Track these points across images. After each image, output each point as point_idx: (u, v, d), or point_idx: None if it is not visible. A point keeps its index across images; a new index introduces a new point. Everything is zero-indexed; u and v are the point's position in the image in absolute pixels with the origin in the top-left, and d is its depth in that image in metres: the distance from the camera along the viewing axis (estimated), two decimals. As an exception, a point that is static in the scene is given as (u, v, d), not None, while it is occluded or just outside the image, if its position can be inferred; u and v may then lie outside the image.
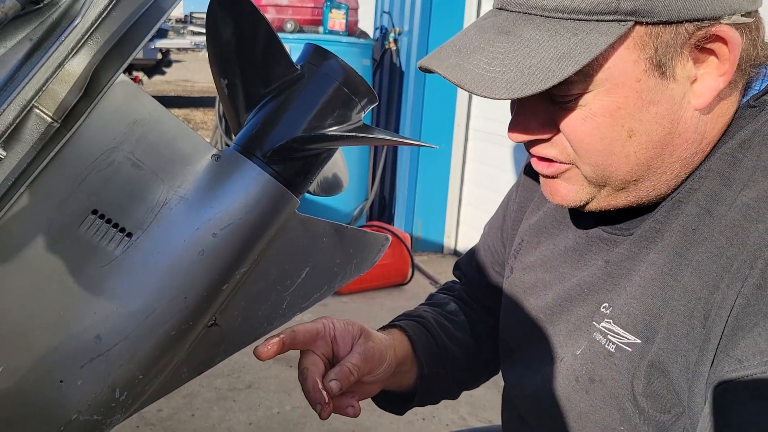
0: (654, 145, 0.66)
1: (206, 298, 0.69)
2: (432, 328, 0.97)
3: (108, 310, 0.65)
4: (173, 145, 0.68)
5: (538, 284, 0.85)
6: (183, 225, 0.68)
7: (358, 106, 0.74)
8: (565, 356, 0.76)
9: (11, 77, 0.56)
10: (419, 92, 4.17)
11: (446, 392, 1.01)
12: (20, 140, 0.58)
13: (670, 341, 0.64)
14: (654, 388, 0.65)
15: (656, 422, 0.66)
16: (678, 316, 0.64)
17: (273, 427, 2.30)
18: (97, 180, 0.64)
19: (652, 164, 0.67)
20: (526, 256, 0.89)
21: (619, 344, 0.69)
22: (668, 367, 0.64)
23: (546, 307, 0.82)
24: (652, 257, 0.69)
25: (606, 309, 0.72)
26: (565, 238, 0.83)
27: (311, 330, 0.80)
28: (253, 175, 0.70)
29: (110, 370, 0.66)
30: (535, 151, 0.72)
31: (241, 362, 2.70)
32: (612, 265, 0.74)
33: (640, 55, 0.61)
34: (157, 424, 2.28)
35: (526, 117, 0.69)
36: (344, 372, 0.77)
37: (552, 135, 0.69)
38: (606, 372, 0.69)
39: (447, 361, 0.96)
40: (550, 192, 0.74)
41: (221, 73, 0.75)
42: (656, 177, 0.68)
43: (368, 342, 0.82)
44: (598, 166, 0.67)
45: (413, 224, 4.37)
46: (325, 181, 0.85)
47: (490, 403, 2.53)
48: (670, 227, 0.68)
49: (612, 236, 0.76)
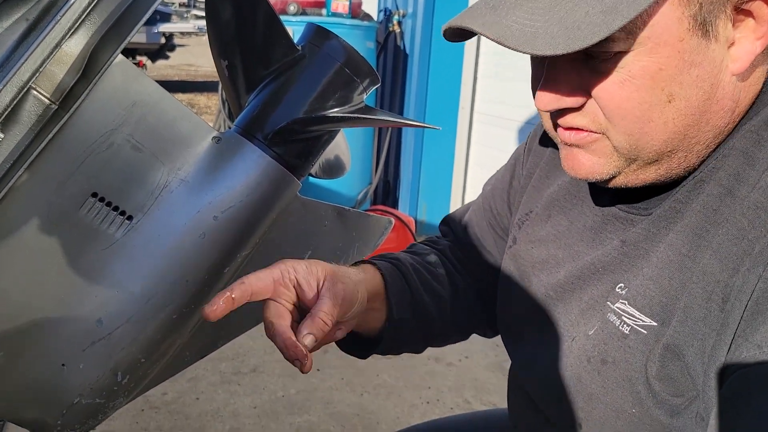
0: (693, 112, 0.63)
1: (208, 281, 0.69)
2: (408, 274, 0.90)
3: (109, 294, 0.65)
4: (173, 127, 0.67)
5: (549, 260, 0.82)
6: (184, 208, 0.67)
7: (360, 87, 0.73)
8: (577, 336, 0.74)
9: (7, 58, 0.56)
10: (423, 75, 4.15)
11: (412, 344, 0.94)
12: (18, 122, 0.58)
13: (686, 324, 0.62)
14: (668, 372, 0.64)
15: (669, 406, 0.65)
16: (696, 299, 0.62)
17: (277, 410, 2.31)
18: (96, 162, 0.63)
19: (688, 133, 0.64)
20: (535, 228, 0.86)
21: (634, 326, 0.67)
22: (684, 350, 0.63)
23: (557, 285, 0.79)
24: (670, 238, 0.67)
25: (621, 290, 0.70)
26: (580, 215, 0.80)
27: (265, 278, 0.69)
28: (254, 158, 0.69)
29: (112, 353, 0.66)
30: (564, 122, 0.67)
31: (246, 346, 2.72)
32: (629, 245, 0.71)
33: (684, 12, 0.59)
34: (161, 407, 2.30)
35: (557, 83, 0.65)
36: (318, 324, 0.68)
37: (584, 102, 0.65)
38: (619, 354, 0.68)
39: (418, 310, 0.90)
40: (572, 165, 0.69)
41: (221, 54, 0.74)
42: (689, 147, 0.65)
43: (336, 284, 0.73)
44: (633, 136, 0.64)
45: (418, 208, 4.36)
46: (328, 164, 0.84)
47: (495, 387, 2.54)
48: (690, 207, 0.66)
49: (629, 215, 0.73)
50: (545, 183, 0.88)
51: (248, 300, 0.67)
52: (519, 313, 0.86)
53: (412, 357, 2.71)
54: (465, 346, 2.83)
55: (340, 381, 2.53)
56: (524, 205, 0.90)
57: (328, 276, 0.72)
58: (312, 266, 0.72)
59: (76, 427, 0.68)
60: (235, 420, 2.26)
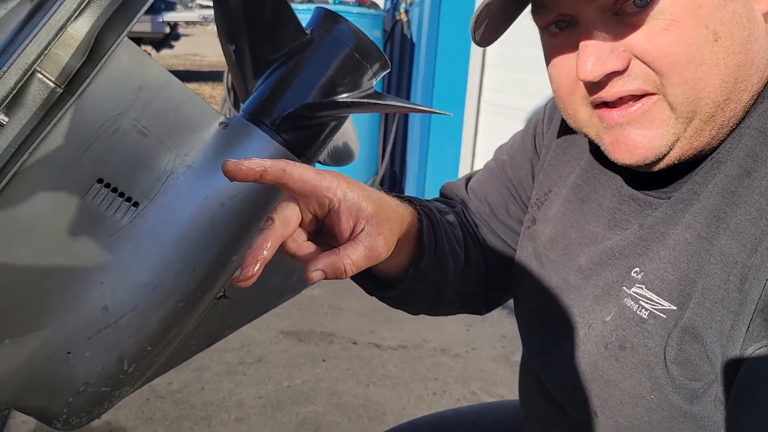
0: (739, 50, 0.62)
1: (215, 269, 0.68)
2: (438, 227, 0.83)
3: (115, 281, 0.64)
4: (180, 112, 0.66)
5: (558, 239, 0.81)
6: (190, 194, 0.66)
7: (369, 72, 0.72)
8: (594, 323, 0.72)
9: (12, 40, 0.55)
10: (430, 64, 4.12)
11: (419, 301, 0.86)
12: (22, 106, 0.56)
13: (704, 306, 0.61)
14: (686, 355, 0.63)
15: (687, 390, 0.64)
16: (713, 281, 0.61)
17: (283, 400, 2.31)
18: (102, 148, 0.62)
19: (738, 75, 0.62)
20: (553, 209, 0.84)
21: (653, 310, 0.66)
22: (702, 332, 0.61)
23: (577, 269, 0.77)
24: (687, 219, 0.66)
25: (637, 274, 0.69)
26: (595, 194, 0.78)
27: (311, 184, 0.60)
28: (261, 144, 0.68)
29: (118, 341, 0.65)
30: (613, 93, 0.64)
31: (251, 336, 2.72)
32: (645, 229, 0.70)
33: None
34: (167, 396, 2.30)
35: (597, 48, 0.62)
36: (338, 268, 0.60)
37: (628, 63, 0.63)
38: (638, 339, 0.67)
39: (439, 266, 0.83)
40: (628, 148, 0.65)
41: (229, 38, 0.73)
42: (740, 96, 0.63)
43: (377, 237, 0.63)
44: (689, 84, 0.61)
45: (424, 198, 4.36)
46: (336, 151, 0.83)
47: (502, 379, 2.53)
48: (707, 188, 0.65)
49: (648, 198, 0.72)
50: (562, 160, 0.85)
51: (280, 184, 0.60)
52: (535, 298, 0.84)
53: (418, 348, 2.71)
54: (471, 338, 2.82)
55: (346, 372, 2.53)
56: (542, 183, 0.87)
57: (372, 221, 0.64)
58: (362, 201, 0.63)
59: (82, 416, 0.67)
60: (241, 410, 2.26)
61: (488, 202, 0.94)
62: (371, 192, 0.66)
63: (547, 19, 0.67)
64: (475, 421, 1.08)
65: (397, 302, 0.85)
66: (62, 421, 0.67)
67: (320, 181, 0.61)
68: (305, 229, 0.64)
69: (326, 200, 0.61)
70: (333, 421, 2.23)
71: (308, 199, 0.61)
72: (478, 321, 2.85)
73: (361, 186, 0.65)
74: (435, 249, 0.82)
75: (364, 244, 0.62)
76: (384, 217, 0.66)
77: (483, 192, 0.95)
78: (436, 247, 0.82)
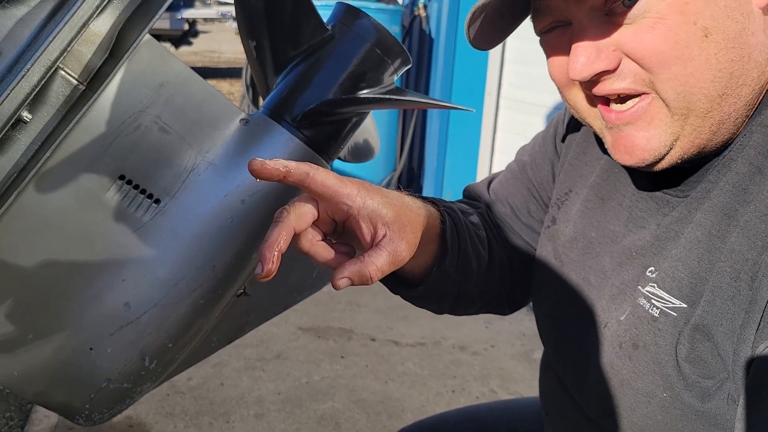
0: (732, 44, 0.61)
1: (235, 266, 0.68)
2: (461, 227, 0.84)
3: (137, 278, 0.64)
4: (201, 108, 0.66)
5: (578, 238, 0.80)
6: (211, 191, 0.66)
7: (390, 68, 0.72)
8: (609, 322, 0.73)
9: (35, 37, 0.55)
10: (449, 60, 4.11)
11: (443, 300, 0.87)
12: (46, 103, 0.57)
13: (715, 304, 0.61)
14: (698, 353, 0.63)
15: (699, 388, 0.63)
16: (724, 278, 0.61)
17: (301, 396, 2.32)
18: (123, 144, 0.62)
19: (733, 70, 0.62)
20: (573, 208, 0.84)
21: (664, 309, 0.66)
22: (713, 330, 0.61)
23: (597, 270, 0.77)
24: (698, 218, 0.65)
25: (651, 273, 0.69)
26: (615, 193, 0.78)
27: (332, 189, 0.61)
28: (282, 140, 0.68)
29: (140, 338, 0.65)
30: (602, 89, 0.65)
31: (270, 332, 2.72)
32: (663, 228, 0.70)
33: None
34: (186, 392, 2.31)
35: (586, 49, 0.63)
36: (364, 275, 0.60)
37: (618, 62, 0.63)
38: (650, 337, 0.67)
39: (463, 265, 0.84)
40: (627, 148, 0.66)
41: (249, 34, 0.73)
42: (737, 90, 0.63)
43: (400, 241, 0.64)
44: (679, 80, 0.61)
45: (442, 195, 4.34)
46: (356, 147, 0.83)
47: (521, 376, 2.52)
48: (718, 186, 0.65)
49: (666, 197, 0.71)
50: (582, 160, 0.85)
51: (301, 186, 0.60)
52: (554, 297, 0.85)
53: (437, 345, 2.70)
54: (490, 335, 2.81)
55: (365, 368, 2.53)
56: (562, 183, 0.87)
57: (393, 226, 0.64)
58: (382, 208, 0.64)
59: (104, 412, 0.68)
60: (260, 406, 2.27)
61: (510, 203, 0.94)
62: (392, 197, 0.66)
63: (543, 24, 0.69)
64: (496, 418, 1.08)
65: (421, 301, 0.86)
66: (84, 417, 0.67)
67: (341, 188, 0.61)
68: (321, 229, 0.64)
69: (345, 207, 0.62)
70: (352, 418, 2.23)
71: (328, 203, 0.62)
72: (497, 318, 2.84)
73: (381, 192, 0.65)
74: (458, 249, 0.82)
75: (387, 250, 0.63)
76: (405, 221, 0.66)
77: (504, 193, 0.95)
78: (459, 247, 0.82)
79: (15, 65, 0.54)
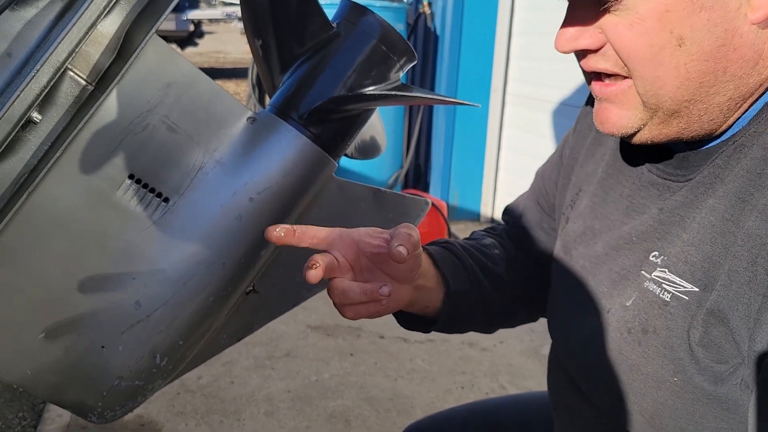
0: (706, 57, 0.62)
1: (244, 263, 0.68)
2: (459, 253, 0.91)
3: (147, 276, 0.65)
4: (208, 107, 0.66)
5: (586, 232, 0.82)
6: (220, 189, 0.67)
7: (396, 65, 0.72)
8: (612, 308, 0.73)
9: (44, 38, 0.55)
10: (454, 57, 4.10)
11: (475, 318, 0.93)
12: (55, 104, 0.57)
13: (731, 288, 0.61)
14: (711, 338, 0.63)
15: (712, 373, 0.63)
16: (740, 262, 0.61)
17: (311, 394, 2.33)
18: (132, 144, 0.63)
19: (704, 81, 0.63)
20: (580, 204, 0.86)
21: (675, 293, 0.66)
22: (728, 314, 0.61)
23: (593, 256, 0.79)
24: (711, 203, 0.66)
25: (656, 258, 0.69)
26: (617, 185, 0.80)
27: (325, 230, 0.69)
28: (289, 138, 0.68)
29: (151, 336, 0.66)
30: (587, 65, 0.69)
31: (279, 331, 2.73)
32: (665, 213, 0.71)
33: None
34: (197, 390, 2.32)
35: (574, 26, 0.67)
36: (403, 235, 0.65)
37: (602, 45, 0.66)
38: (660, 322, 0.67)
39: (474, 282, 0.90)
40: (601, 119, 0.71)
41: (255, 33, 0.73)
42: (708, 99, 0.64)
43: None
44: (647, 80, 0.64)
45: (449, 192, 4.33)
46: (363, 144, 0.83)
47: (530, 372, 2.52)
48: (732, 172, 0.65)
49: (667, 182, 0.72)
50: (591, 161, 0.87)
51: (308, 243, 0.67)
52: (559, 289, 0.86)
53: (445, 341, 2.71)
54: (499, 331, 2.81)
55: (374, 366, 2.53)
56: (574, 185, 0.90)
57: None
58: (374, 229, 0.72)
59: (116, 409, 0.68)
60: (270, 404, 2.28)
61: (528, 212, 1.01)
62: None
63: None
64: (504, 413, 1.08)
65: (452, 327, 0.91)
66: (97, 414, 0.68)
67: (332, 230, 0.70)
68: None
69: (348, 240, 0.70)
70: (362, 415, 2.24)
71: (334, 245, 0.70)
72: (506, 314, 2.84)
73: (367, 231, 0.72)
74: (463, 271, 0.89)
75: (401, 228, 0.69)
76: None
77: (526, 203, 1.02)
78: (464, 269, 0.90)
79: (24, 67, 0.54)
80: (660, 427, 0.68)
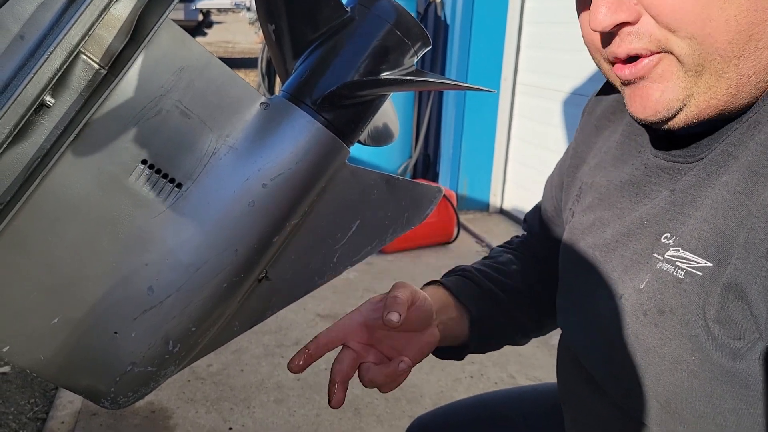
0: (755, 6, 0.60)
1: (257, 250, 0.68)
2: (473, 277, 0.96)
3: (160, 262, 0.65)
4: (221, 92, 0.66)
5: (596, 223, 0.82)
6: (232, 175, 0.66)
7: (411, 50, 0.71)
8: (625, 293, 0.72)
9: (56, 21, 0.55)
10: (465, 47, 4.08)
11: (505, 336, 0.99)
12: (68, 87, 0.57)
13: (748, 261, 0.60)
14: (728, 313, 0.62)
15: (729, 349, 0.62)
16: (757, 234, 0.60)
17: (321, 382, 2.33)
18: (145, 129, 0.62)
19: (754, 33, 0.61)
20: (586, 197, 0.86)
21: (689, 269, 0.65)
22: (746, 288, 0.60)
23: (603, 245, 0.78)
24: (724, 179, 0.65)
25: (668, 239, 0.69)
26: (622, 173, 0.79)
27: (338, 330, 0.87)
28: (303, 123, 0.67)
29: (163, 322, 0.66)
30: (621, 49, 0.65)
31: (288, 319, 2.74)
32: (677, 194, 0.70)
33: None
34: (207, 378, 2.33)
35: (605, 2, 0.64)
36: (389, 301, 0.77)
37: (638, 16, 0.64)
38: (675, 300, 0.66)
39: (495, 302, 0.95)
40: (641, 100, 0.67)
41: (268, 18, 0.72)
42: (758, 54, 0.62)
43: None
44: (696, 39, 0.61)
45: (458, 182, 4.32)
46: (376, 131, 0.82)
47: (540, 362, 2.51)
48: (746, 148, 0.64)
49: (676, 165, 0.71)
50: (595, 155, 0.88)
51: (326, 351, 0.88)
52: (569, 280, 0.86)
53: (454, 331, 2.71)
54: (508, 320, 2.81)
55: (383, 354, 2.53)
56: (578, 179, 0.90)
57: None
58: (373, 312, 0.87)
59: (129, 395, 0.68)
60: (280, 391, 2.28)
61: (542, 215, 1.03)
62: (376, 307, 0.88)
63: None
64: (516, 404, 1.08)
65: (485, 348, 0.97)
66: (110, 400, 0.68)
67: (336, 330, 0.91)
68: None
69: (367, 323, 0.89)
70: (371, 404, 2.24)
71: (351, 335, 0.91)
72: (515, 304, 2.83)
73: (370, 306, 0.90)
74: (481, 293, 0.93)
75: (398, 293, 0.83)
76: None
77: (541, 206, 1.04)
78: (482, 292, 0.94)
79: (37, 50, 0.54)
80: (675, 412, 0.67)
